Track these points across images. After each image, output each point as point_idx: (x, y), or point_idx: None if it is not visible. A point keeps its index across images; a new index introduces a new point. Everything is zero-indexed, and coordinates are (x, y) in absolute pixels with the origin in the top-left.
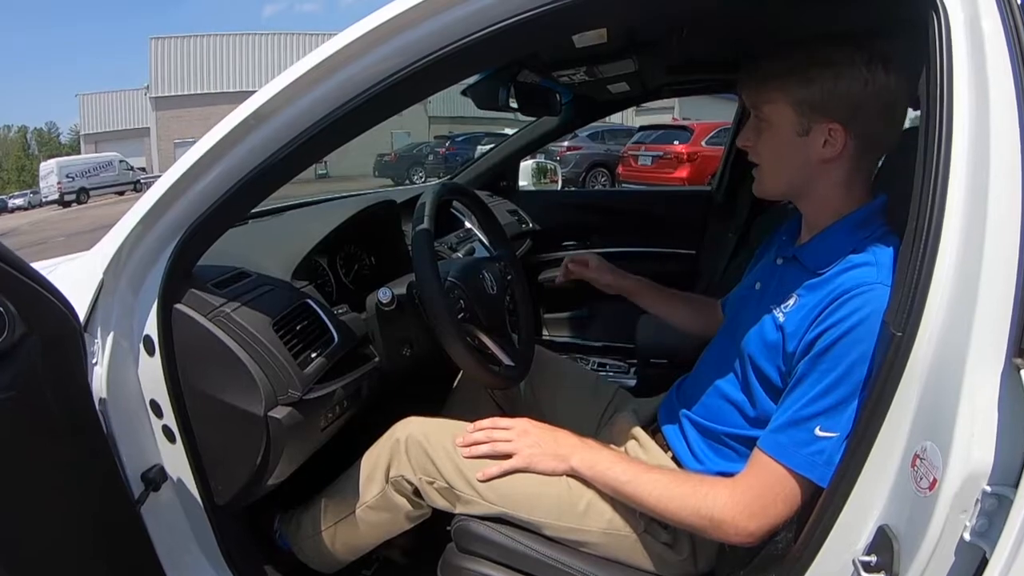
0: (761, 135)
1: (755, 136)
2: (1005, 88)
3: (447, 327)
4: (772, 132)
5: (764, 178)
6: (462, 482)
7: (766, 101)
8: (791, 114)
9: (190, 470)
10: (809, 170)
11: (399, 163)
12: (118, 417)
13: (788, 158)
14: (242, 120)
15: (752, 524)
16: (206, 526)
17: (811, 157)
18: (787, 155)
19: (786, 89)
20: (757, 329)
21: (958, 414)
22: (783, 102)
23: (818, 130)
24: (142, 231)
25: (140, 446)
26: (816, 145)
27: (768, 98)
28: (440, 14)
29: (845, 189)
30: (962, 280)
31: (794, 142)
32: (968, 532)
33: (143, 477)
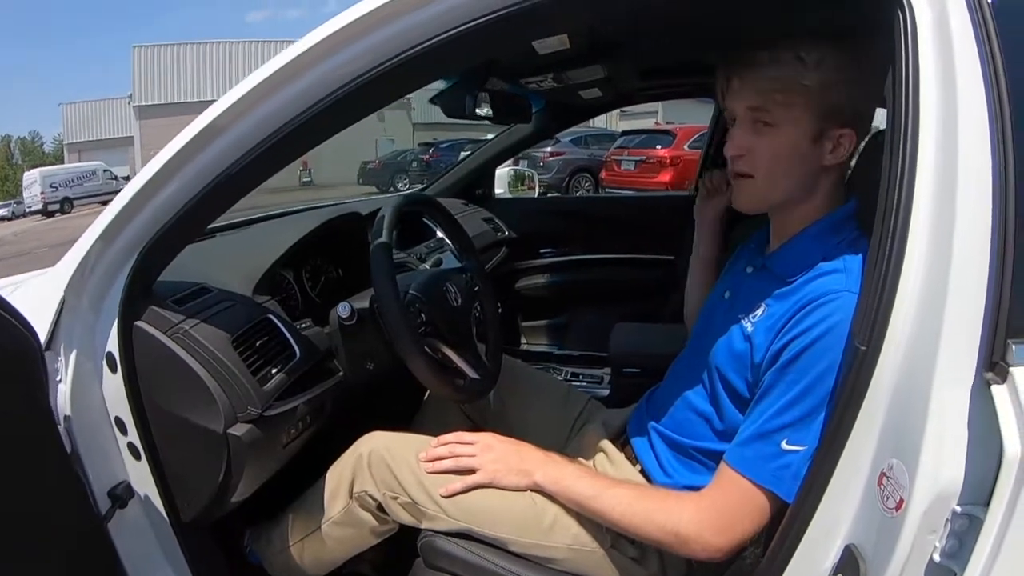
0: (762, 139)
1: (751, 141)
2: (974, 90)
3: (406, 341)
4: (779, 136)
5: (757, 190)
6: (425, 497)
7: (781, 103)
8: (807, 117)
9: (156, 487)
10: (809, 178)
11: (383, 170)
12: (83, 434)
13: (794, 165)
14: (198, 132)
15: (719, 540)
16: (174, 543)
17: (814, 164)
18: (793, 162)
19: (805, 89)
20: (725, 339)
21: (926, 431)
22: (802, 104)
23: (829, 135)
24: (102, 247)
25: (106, 463)
26: (824, 151)
27: (785, 99)
28: (395, 20)
29: (829, 194)
30: (929, 290)
31: (804, 148)
32: (938, 553)
33: (110, 494)
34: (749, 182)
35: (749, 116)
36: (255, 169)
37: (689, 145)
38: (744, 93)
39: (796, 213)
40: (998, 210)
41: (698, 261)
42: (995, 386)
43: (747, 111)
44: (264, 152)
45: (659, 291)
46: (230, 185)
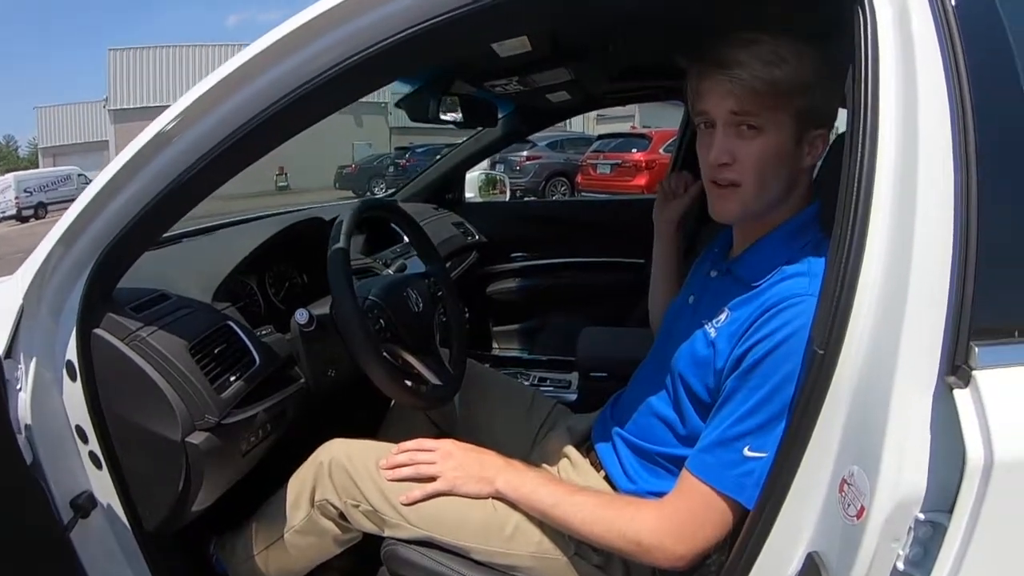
0: (747, 145)
1: (737, 147)
2: (936, 90)
3: (364, 348)
4: (764, 141)
5: (746, 198)
6: (386, 505)
7: (765, 107)
8: (791, 120)
9: (117, 496)
10: (790, 181)
11: (360, 175)
12: (45, 443)
13: (777, 170)
14: (150, 138)
15: (681, 548)
16: (138, 553)
17: (795, 167)
18: (779, 166)
19: (793, 96)
20: (688, 345)
21: (886, 437)
22: (788, 106)
23: (808, 137)
24: (62, 253)
25: (68, 472)
26: (803, 153)
27: (774, 102)
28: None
29: (799, 196)
30: (889, 292)
31: (790, 151)
32: (901, 561)
33: (72, 503)
34: (735, 192)
35: (733, 120)
36: (207, 175)
37: (665, 149)
38: (726, 97)
39: (767, 217)
40: (960, 210)
41: (659, 266)
42: (957, 390)
43: (730, 115)
44: (215, 159)
45: (629, 295)
46: (183, 191)
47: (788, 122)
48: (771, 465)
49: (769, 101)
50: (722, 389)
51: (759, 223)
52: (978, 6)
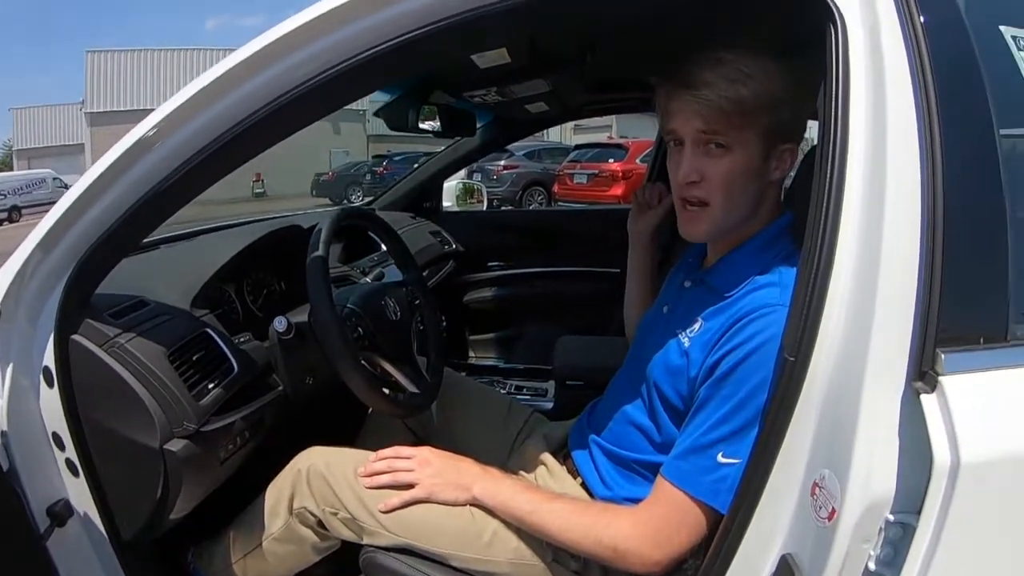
0: (715, 163)
1: (705, 165)
2: (905, 105)
3: (342, 356)
4: (732, 160)
5: (715, 216)
6: (365, 513)
7: (733, 127)
8: (757, 140)
9: (94, 504)
10: (758, 196)
11: (337, 182)
12: (21, 450)
13: (745, 187)
14: (131, 144)
15: (656, 553)
16: (115, 561)
17: (763, 182)
18: (747, 184)
19: (760, 113)
20: (662, 354)
21: (856, 441)
22: (754, 127)
23: (775, 152)
24: (41, 257)
25: (45, 480)
26: (771, 168)
27: (737, 121)
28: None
29: (769, 208)
30: (858, 301)
31: (757, 168)
32: (873, 562)
33: (48, 511)
34: (704, 211)
35: (701, 139)
36: (189, 182)
37: (641, 159)
38: (693, 116)
39: (738, 230)
40: (926, 221)
41: (633, 276)
42: (924, 395)
43: (698, 134)
44: (196, 165)
45: (605, 304)
46: (164, 197)
47: (755, 139)
48: (744, 470)
49: (736, 120)
50: (696, 397)
51: (731, 235)
52: (946, 22)
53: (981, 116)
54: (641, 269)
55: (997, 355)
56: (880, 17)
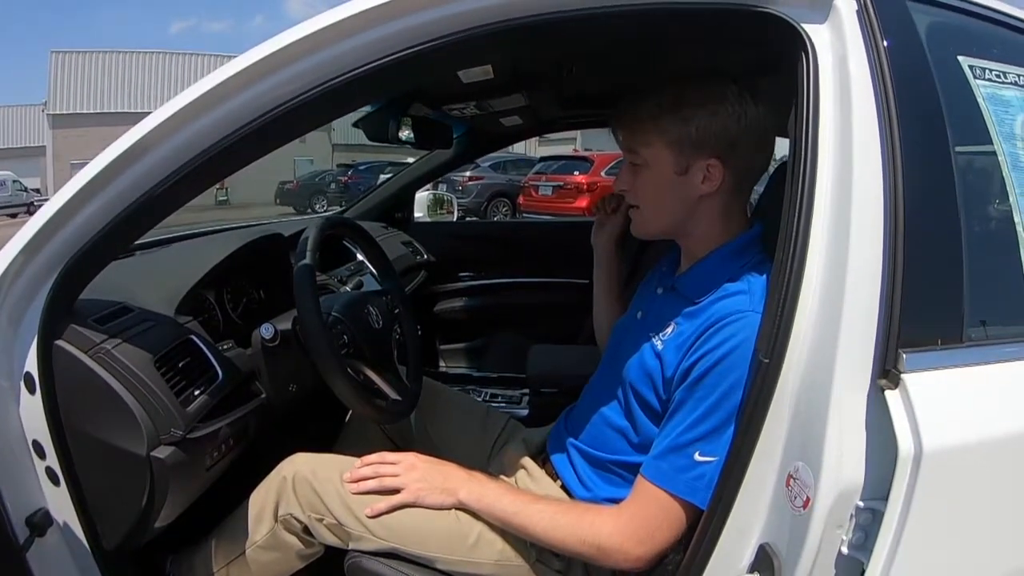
0: (638, 177)
1: (632, 178)
2: (869, 125)
3: (329, 363)
4: (650, 173)
5: (645, 219)
6: (351, 518)
7: (642, 144)
8: (668, 154)
9: (76, 513)
10: (689, 206)
11: (301, 191)
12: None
13: (668, 197)
14: (125, 149)
15: (639, 550)
16: (96, 572)
17: (691, 194)
18: (667, 195)
19: (662, 130)
20: (637, 357)
21: (827, 435)
22: (660, 144)
23: (696, 167)
24: (24, 261)
25: (24, 489)
26: (695, 182)
27: (644, 140)
28: (323, 49)
29: (724, 219)
30: (827, 307)
31: (673, 181)
32: (845, 546)
33: (27, 522)
34: (636, 212)
35: (627, 156)
36: (180, 189)
37: (606, 172)
38: (619, 136)
39: (694, 238)
40: (889, 233)
41: (601, 287)
42: (888, 391)
43: (624, 153)
44: (189, 173)
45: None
46: (155, 204)
47: (665, 155)
48: (723, 465)
49: (641, 137)
50: (672, 399)
51: (693, 244)
52: (907, 50)
53: (938, 135)
54: (608, 281)
55: (954, 355)
56: (848, 44)
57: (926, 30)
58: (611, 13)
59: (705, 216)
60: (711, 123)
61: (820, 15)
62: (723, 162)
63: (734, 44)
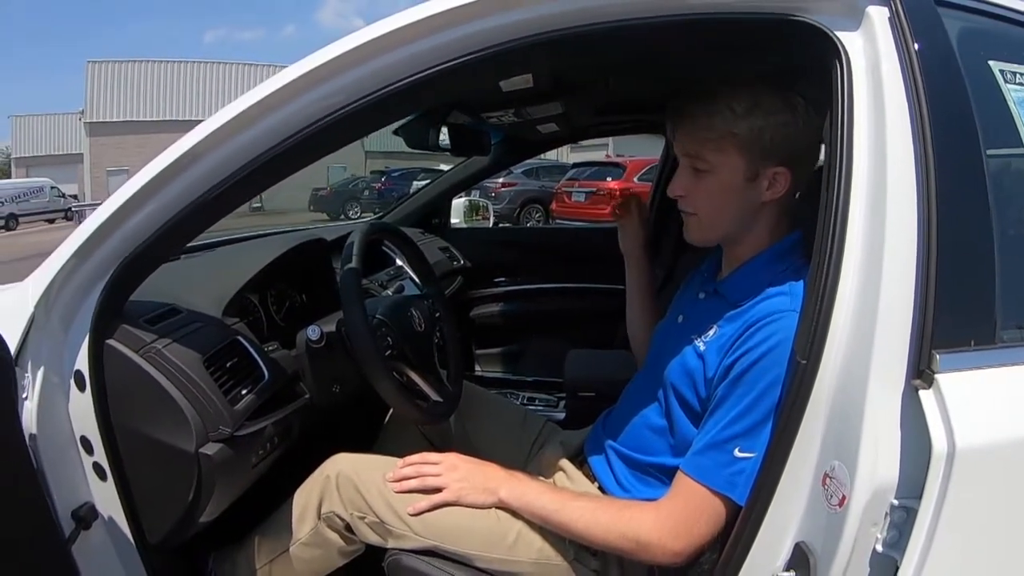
0: (701, 182)
1: (692, 184)
2: (902, 130)
3: (374, 364)
4: (716, 179)
5: (703, 226)
6: (393, 516)
7: (713, 149)
8: (740, 161)
9: (121, 508)
10: (750, 213)
11: (334, 198)
12: (48, 454)
13: (732, 204)
14: (178, 156)
15: (678, 545)
16: (138, 566)
17: (754, 201)
18: (731, 201)
19: (736, 136)
20: (679, 359)
21: (862, 434)
22: (732, 149)
23: (764, 174)
24: (75, 264)
25: (70, 483)
26: (761, 188)
27: (717, 146)
28: (373, 59)
29: (775, 226)
30: (863, 309)
31: (740, 187)
32: (880, 544)
33: (73, 515)
34: (693, 219)
35: (687, 161)
36: (232, 195)
37: (639, 178)
38: (682, 141)
39: (743, 244)
40: (922, 237)
41: (633, 292)
42: (923, 391)
43: (684, 157)
44: (241, 179)
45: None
46: (207, 209)
47: (737, 162)
48: (760, 464)
49: (713, 144)
50: (712, 397)
51: (740, 249)
52: (938, 53)
53: (970, 138)
54: (639, 285)
55: (986, 355)
56: (880, 50)
57: (957, 35)
58: (653, 24)
59: (761, 222)
60: (783, 132)
61: (853, 23)
62: (789, 170)
63: (769, 52)
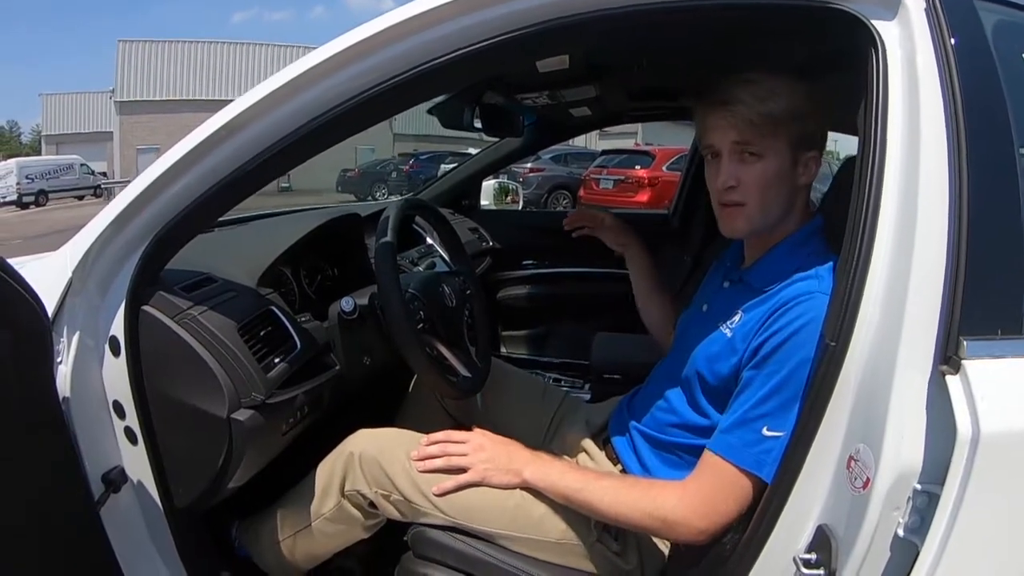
0: (750, 168)
1: (743, 172)
2: (936, 121)
3: (407, 337)
4: (766, 164)
5: (751, 216)
6: (418, 495)
7: (764, 135)
8: (785, 146)
9: (151, 472)
10: (790, 198)
11: (362, 179)
12: (80, 417)
13: (781, 190)
14: (216, 129)
15: (703, 523)
16: (165, 530)
17: (793, 186)
18: (781, 187)
19: (784, 122)
20: (705, 345)
21: (888, 418)
22: (782, 134)
23: (803, 159)
24: (112, 233)
25: (101, 447)
26: (798, 174)
27: (767, 131)
28: (410, 36)
29: (803, 211)
30: (892, 295)
31: (787, 173)
32: (901, 528)
33: (103, 478)
34: (741, 210)
35: (736, 149)
36: (269, 167)
37: (668, 166)
38: (728, 129)
39: (776, 231)
40: (953, 224)
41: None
42: (949, 377)
43: (733, 145)
44: (279, 152)
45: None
46: (244, 181)
47: (784, 148)
48: (786, 447)
49: (766, 130)
50: (740, 378)
51: (767, 237)
52: (974, 47)
53: (1003, 131)
54: (640, 276)
55: (1013, 345)
56: (916, 41)
57: (992, 28)
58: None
59: (796, 208)
60: (815, 118)
61: (889, 12)
62: (820, 154)
63: (804, 39)
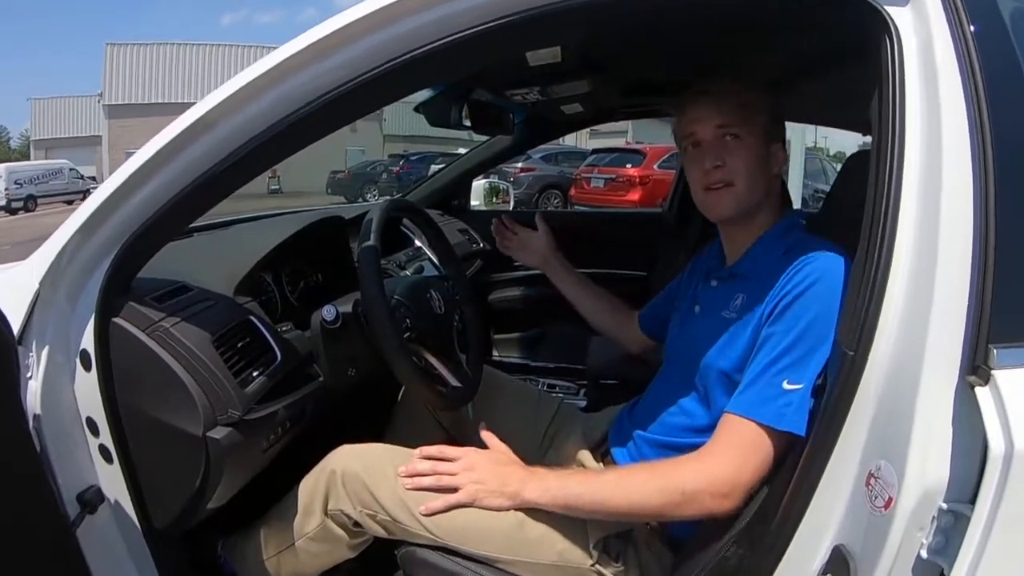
0: (735, 151)
1: (727, 152)
2: (957, 112)
3: (393, 346)
4: (747, 144)
5: (738, 194)
6: (406, 514)
7: (745, 119)
8: (761, 134)
9: (127, 492)
10: (767, 184)
11: (353, 180)
12: (53, 435)
13: (761, 170)
14: (185, 128)
15: (725, 487)
16: (145, 551)
17: (768, 172)
18: (761, 167)
19: (762, 109)
20: (710, 336)
21: (912, 432)
22: (759, 124)
23: (773, 148)
24: (81, 240)
25: (76, 466)
26: (772, 161)
27: (748, 116)
28: (389, 26)
29: (778, 201)
30: (915, 298)
31: (764, 156)
32: (925, 550)
33: (79, 498)
34: (729, 190)
35: (719, 133)
36: (243, 167)
37: (659, 165)
38: (712, 115)
39: (757, 220)
40: (979, 223)
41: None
42: (978, 388)
43: (716, 129)
44: (253, 150)
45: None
46: (217, 182)
47: (760, 134)
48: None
49: (747, 116)
50: (757, 338)
51: (747, 231)
52: (994, 33)
53: None
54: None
55: None
56: (932, 28)
57: (1010, 15)
58: None
59: (772, 195)
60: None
61: None
62: (783, 147)
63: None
